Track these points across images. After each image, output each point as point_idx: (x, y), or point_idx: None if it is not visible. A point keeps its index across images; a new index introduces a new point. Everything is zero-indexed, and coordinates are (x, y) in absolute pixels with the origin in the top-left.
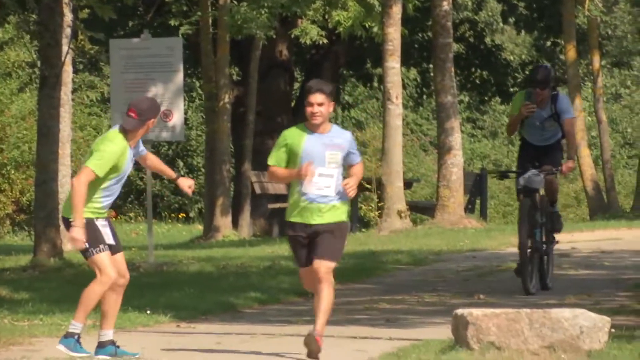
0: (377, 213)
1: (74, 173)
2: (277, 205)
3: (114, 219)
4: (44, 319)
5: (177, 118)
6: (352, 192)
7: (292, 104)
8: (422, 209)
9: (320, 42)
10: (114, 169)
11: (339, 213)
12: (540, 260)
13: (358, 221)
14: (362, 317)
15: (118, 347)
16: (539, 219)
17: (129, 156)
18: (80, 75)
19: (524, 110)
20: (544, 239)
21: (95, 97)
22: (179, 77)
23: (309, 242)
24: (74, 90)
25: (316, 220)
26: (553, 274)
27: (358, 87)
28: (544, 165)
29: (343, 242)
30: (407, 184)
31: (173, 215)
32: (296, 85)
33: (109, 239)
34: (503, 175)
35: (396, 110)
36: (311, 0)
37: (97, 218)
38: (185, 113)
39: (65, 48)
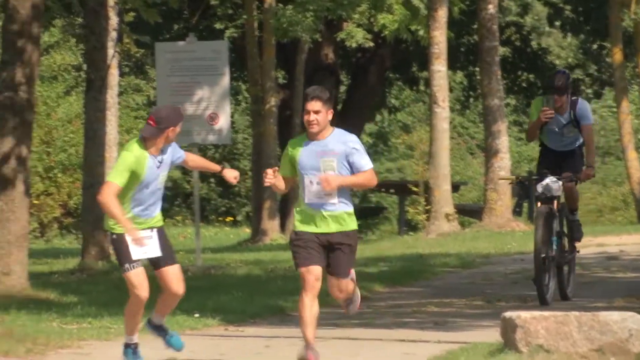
0: (425, 216)
1: None
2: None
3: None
4: (92, 322)
5: (223, 121)
6: (326, 186)
7: (339, 108)
8: (469, 212)
9: (366, 45)
10: (134, 176)
11: (348, 221)
12: (559, 270)
13: (406, 224)
14: (411, 320)
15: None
16: (556, 227)
17: (149, 164)
18: (127, 78)
19: (542, 116)
20: (563, 248)
21: (141, 101)
22: (225, 80)
23: (322, 245)
24: (120, 94)
25: (323, 228)
26: (575, 283)
27: (404, 90)
28: (564, 171)
29: (354, 253)
30: (455, 187)
31: (220, 218)
32: (342, 88)
33: (154, 252)
34: (521, 182)
35: (443, 113)
36: (357, 4)
37: (122, 233)
38: (232, 116)
39: (110, 51)
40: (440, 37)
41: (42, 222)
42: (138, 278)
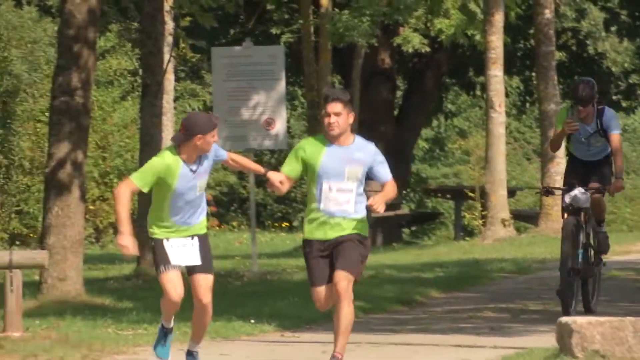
0: (481, 222)
1: None
2: (380, 214)
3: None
4: (148, 328)
5: (279, 126)
6: (379, 208)
7: (395, 113)
8: (525, 217)
9: (423, 50)
10: (165, 184)
11: (360, 227)
12: (584, 283)
13: (462, 230)
14: (467, 325)
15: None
16: (583, 238)
17: (182, 172)
18: (182, 83)
19: (566, 128)
20: (588, 260)
21: (197, 106)
22: (281, 85)
23: (329, 254)
24: (176, 99)
25: (335, 234)
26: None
27: (461, 95)
28: (591, 182)
29: (364, 255)
30: (511, 192)
31: (276, 224)
32: (399, 93)
33: (193, 260)
34: (548, 191)
35: (499, 118)
36: (413, 8)
37: (167, 238)
38: (288, 121)
39: (166, 56)
40: (496, 42)
41: (98, 228)
42: (171, 282)
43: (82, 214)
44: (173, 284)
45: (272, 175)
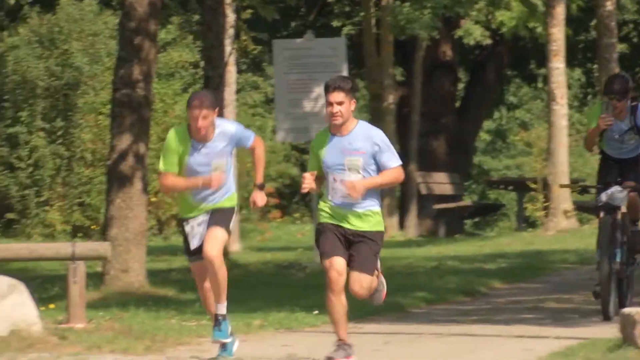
0: (543, 213)
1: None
2: (443, 206)
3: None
4: (210, 319)
5: None
6: (353, 193)
7: (457, 105)
8: (588, 209)
9: (484, 43)
10: (181, 160)
11: (374, 222)
12: (620, 282)
13: (524, 221)
14: (530, 316)
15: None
16: (620, 237)
17: (191, 148)
18: (244, 75)
19: (601, 123)
20: (624, 260)
21: (259, 98)
22: None
23: (343, 236)
24: (237, 91)
25: (348, 224)
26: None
27: (522, 87)
28: (625, 180)
29: (376, 250)
30: (573, 184)
31: None
32: (460, 85)
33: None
34: (583, 190)
35: (561, 110)
36: (474, 1)
37: (187, 220)
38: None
39: (228, 48)
40: (558, 34)
41: (160, 220)
42: (194, 273)
43: (145, 206)
44: (195, 268)
45: (254, 194)
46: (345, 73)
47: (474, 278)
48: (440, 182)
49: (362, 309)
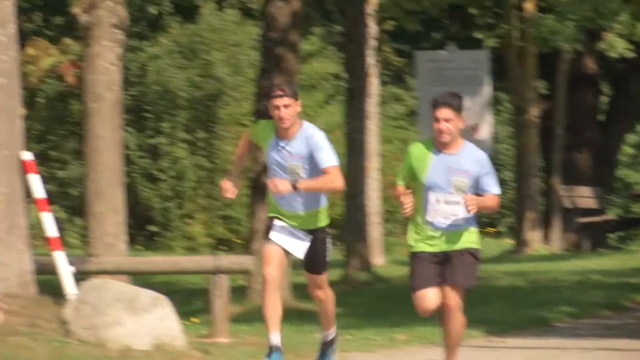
0: None
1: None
2: (587, 219)
3: None
4: (354, 333)
5: (484, 132)
6: (470, 207)
7: (600, 118)
8: None
9: (627, 56)
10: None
11: (472, 240)
12: None
13: None
14: None
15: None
16: None
17: (271, 143)
18: (386, 88)
19: None
20: None
21: (401, 110)
22: (486, 90)
23: (438, 262)
24: (381, 103)
25: (445, 247)
26: None
27: None
28: None
29: (475, 267)
30: None
31: (482, 230)
32: (602, 98)
33: (296, 252)
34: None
35: None
36: (617, 14)
37: (274, 219)
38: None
39: (370, 60)
40: None
41: None
42: (268, 252)
43: None
44: (268, 254)
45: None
46: (488, 86)
47: (618, 292)
48: (584, 196)
49: (508, 323)
